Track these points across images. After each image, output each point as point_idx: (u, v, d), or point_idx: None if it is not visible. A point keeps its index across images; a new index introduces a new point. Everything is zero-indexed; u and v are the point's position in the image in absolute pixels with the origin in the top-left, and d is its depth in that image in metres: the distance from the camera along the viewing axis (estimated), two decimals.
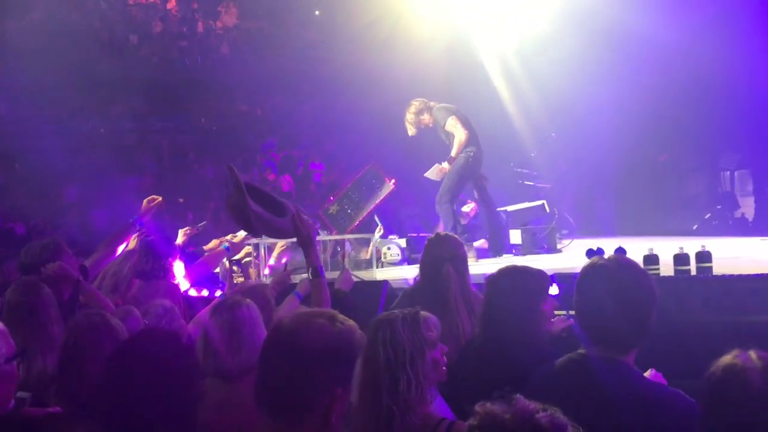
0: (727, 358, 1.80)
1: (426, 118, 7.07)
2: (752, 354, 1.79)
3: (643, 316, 2.12)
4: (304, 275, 3.47)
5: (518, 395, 1.33)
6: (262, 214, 2.95)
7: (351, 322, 1.73)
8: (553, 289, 3.57)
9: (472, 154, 6.86)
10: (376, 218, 7.19)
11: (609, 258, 2.31)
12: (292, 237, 3.17)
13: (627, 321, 2.10)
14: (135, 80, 11.04)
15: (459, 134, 6.83)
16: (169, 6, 13.25)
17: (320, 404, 1.61)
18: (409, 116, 7.09)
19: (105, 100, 11.23)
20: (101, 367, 1.95)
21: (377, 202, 7.14)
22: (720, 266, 4.32)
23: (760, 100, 9.06)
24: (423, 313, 2.28)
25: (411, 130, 7.16)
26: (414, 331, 2.19)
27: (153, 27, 12.69)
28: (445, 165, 6.89)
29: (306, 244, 3.04)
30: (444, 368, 2.29)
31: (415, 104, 7.09)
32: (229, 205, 2.98)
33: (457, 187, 6.92)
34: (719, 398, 1.78)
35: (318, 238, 5.47)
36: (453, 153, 6.86)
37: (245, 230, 4.17)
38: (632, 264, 2.25)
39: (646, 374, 2.37)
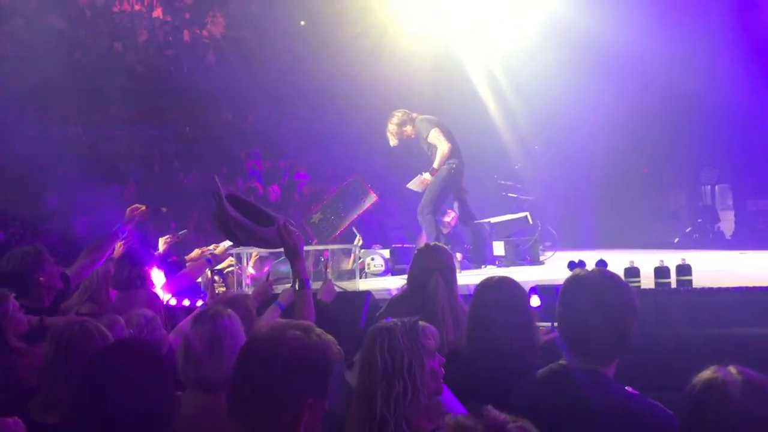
0: (707, 373, 1.80)
1: (408, 129, 7.09)
2: (732, 368, 1.78)
3: (623, 328, 2.12)
4: (287, 285, 3.45)
5: (489, 407, 1.33)
6: (244, 223, 2.94)
7: (328, 336, 1.74)
8: (535, 301, 3.59)
9: (454, 166, 6.89)
10: (355, 229, 7.18)
11: (591, 270, 2.32)
12: (278, 247, 3.15)
13: (609, 333, 2.11)
14: (119, 88, 10.96)
15: (442, 146, 6.86)
16: (154, 15, 13.20)
17: (290, 413, 1.61)
18: (392, 127, 7.11)
19: (88, 108, 11.13)
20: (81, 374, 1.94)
21: (360, 212, 7.13)
22: (700, 279, 4.35)
23: (740, 115, 9.20)
24: (422, 322, 2.25)
25: (393, 141, 7.18)
26: (413, 339, 2.16)
27: (138, 35, 12.62)
28: (428, 176, 6.91)
29: (293, 255, 3.02)
30: (441, 379, 2.26)
31: (397, 115, 7.11)
32: (214, 215, 2.98)
33: (439, 198, 6.95)
34: (700, 413, 1.77)
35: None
36: (435, 165, 6.88)
37: (229, 239, 4.15)
38: (614, 276, 2.26)
39: None
